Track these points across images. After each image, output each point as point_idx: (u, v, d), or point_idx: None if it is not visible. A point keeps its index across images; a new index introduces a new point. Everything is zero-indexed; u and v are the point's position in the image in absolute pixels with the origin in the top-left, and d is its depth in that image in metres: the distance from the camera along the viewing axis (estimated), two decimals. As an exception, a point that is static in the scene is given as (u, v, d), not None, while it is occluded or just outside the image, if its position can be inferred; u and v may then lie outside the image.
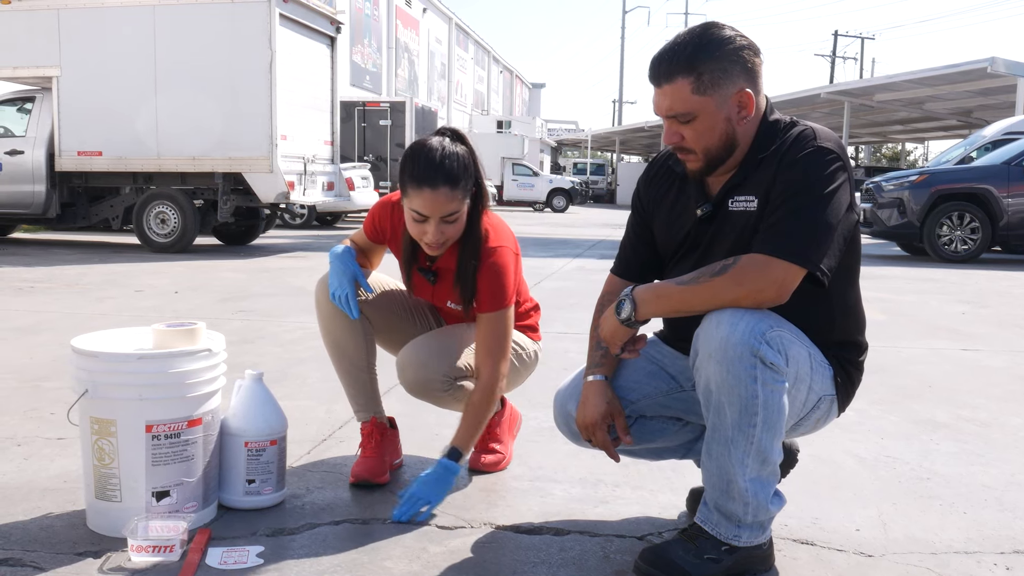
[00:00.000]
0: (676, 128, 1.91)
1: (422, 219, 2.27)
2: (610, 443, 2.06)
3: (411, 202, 2.27)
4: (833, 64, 49.83)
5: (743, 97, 1.87)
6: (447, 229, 2.29)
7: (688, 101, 1.87)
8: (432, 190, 2.23)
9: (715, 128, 1.88)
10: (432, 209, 2.25)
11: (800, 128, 1.90)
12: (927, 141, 45.85)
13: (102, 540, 2.08)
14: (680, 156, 1.97)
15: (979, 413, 3.47)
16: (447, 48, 40.08)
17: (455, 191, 2.25)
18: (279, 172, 9.90)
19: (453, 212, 2.27)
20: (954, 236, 11.02)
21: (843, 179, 1.85)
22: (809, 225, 1.79)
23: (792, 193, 1.82)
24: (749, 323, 1.78)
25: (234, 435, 2.28)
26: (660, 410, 2.13)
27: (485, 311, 2.37)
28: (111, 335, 2.26)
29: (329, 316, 2.50)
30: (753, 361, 1.78)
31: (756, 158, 1.91)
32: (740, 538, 1.89)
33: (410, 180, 2.26)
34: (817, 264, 1.79)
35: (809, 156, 1.84)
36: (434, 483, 2.26)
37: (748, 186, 1.91)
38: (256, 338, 4.79)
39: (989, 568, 2.03)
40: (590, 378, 2.09)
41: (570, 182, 31.32)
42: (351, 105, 18.28)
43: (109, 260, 9.30)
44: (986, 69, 18.64)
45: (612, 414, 2.05)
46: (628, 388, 2.11)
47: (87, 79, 10.29)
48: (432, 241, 2.29)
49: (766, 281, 1.78)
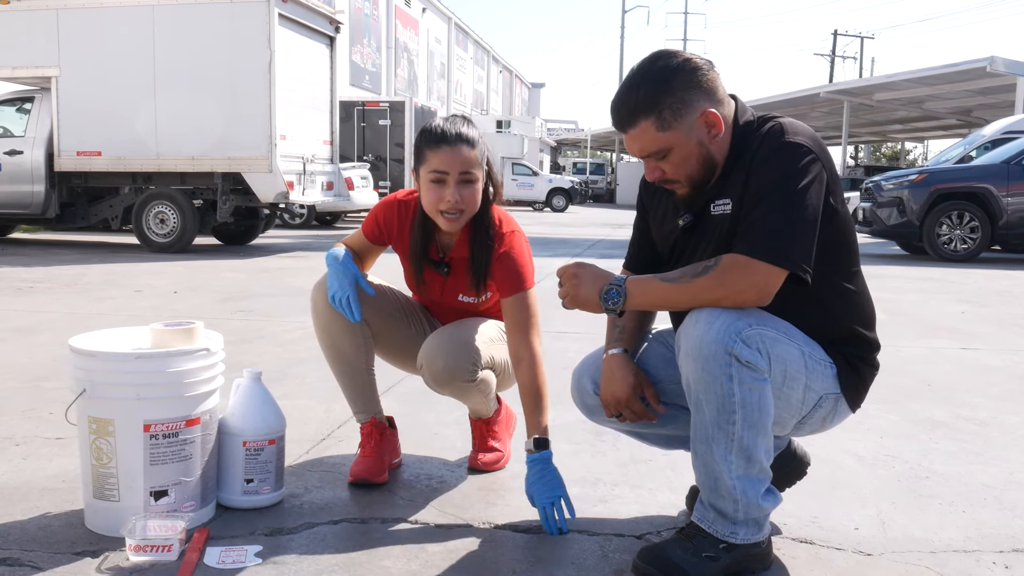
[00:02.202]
0: (655, 164, 1.94)
1: (440, 179, 2.31)
2: (646, 410, 2.07)
3: (429, 164, 2.32)
4: (832, 63, 49.83)
5: (709, 117, 1.88)
6: (464, 192, 2.32)
7: (657, 140, 1.88)
8: (451, 147, 2.30)
9: (691, 156, 1.90)
10: (451, 164, 2.30)
11: (770, 125, 1.90)
12: (926, 140, 45.88)
13: (100, 540, 2.07)
14: (667, 187, 1.99)
15: (978, 412, 3.47)
16: (446, 48, 40.07)
17: (473, 151, 2.33)
18: (278, 172, 9.90)
19: (471, 171, 2.32)
20: (953, 235, 11.02)
21: (816, 172, 1.83)
22: (785, 224, 1.78)
23: (766, 191, 1.81)
24: (725, 322, 1.78)
25: (232, 434, 2.27)
26: (674, 397, 2.13)
27: (508, 295, 2.40)
28: (109, 334, 2.26)
29: (327, 319, 2.49)
30: (728, 359, 1.78)
31: (732, 163, 1.92)
32: (737, 535, 1.89)
33: (427, 144, 2.33)
34: (798, 263, 1.78)
35: (779, 153, 1.84)
36: (544, 481, 2.22)
37: (725, 190, 1.92)
38: (255, 338, 4.79)
39: (988, 567, 2.03)
40: (612, 351, 2.10)
41: (569, 182, 31.30)
42: (350, 105, 18.28)
43: (108, 260, 9.30)
44: (985, 68, 18.66)
45: (641, 385, 2.06)
46: (646, 371, 2.12)
47: (86, 79, 10.29)
48: (450, 204, 2.31)
49: (746, 283, 1.78)
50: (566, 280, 1.94)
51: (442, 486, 2.51)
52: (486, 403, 2.61)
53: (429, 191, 2.34)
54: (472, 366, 2.40)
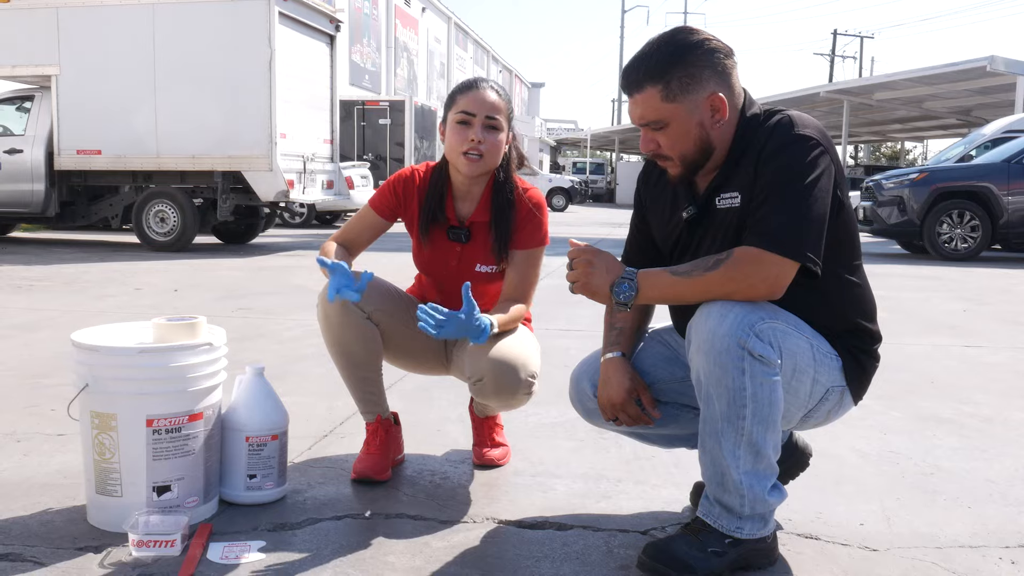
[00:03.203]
0: (651, 135, 1.92)
1: (467, 120, 2.38)
2: (641, 414, 2.06)
3: (457, 106, 2.40)
4: (832, 63, 49.85)
5: (715, 101, 1.87)
6: (488, 136, 2.39)
7: (659, 109, 1.87)
8: (479, 90, 2.41)
9: (688, 134, 1.89)
10: (479, 106, 2.38)
11: (778, 118, 1.89)
12: (926, 140, 45.86)
13: (103, 535, 2.07)
14: (659, 163, 1.98)
15: (982, 409, 3.46)
16: (446, 47, 40.05)
17: (500, 101, 2.43)
18: (278, 171, 9.89)
19: (496, 117, 2.40)
20: (954, 234, 11.01)
21: (825, 164, 1.83)
22: (797, 217, 1.78)
23: (777, 185, 1.81)
24: (738, 315, 1.77)
25: (235, 430, 2.26)
26: (675, 396, 2.13)
27: (523, 248, 2.48)
28: (111, 329, 2.25)
29: (339, 326, 2.42)
30: (740, 353, 1.77)
31: (736, 155, 1.90)
32: (743, 530, 1.88)
33: (459, 90, 2.44)
34: (808, 256, 1.78)
35: (789, 146, 1.83)
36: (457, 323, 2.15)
37: (732, 183, 1.91)
38: (256, 335, 4.78)
39: (995, 562, 2.02)
40: (609, 355, 2.09)
41: (569, 181, 31.31)
42: (350, 104, 18.27)
43: (108, 259, 9.29)
44: (985, 68, 18.64)
45: (637, 389, 2.05)
46: (644, 372, 2.11)
47: (86, 78, 10.28)
48: (473, 143, 2.37)
49: (758, 277, 1.78)
50: (579, 265, 1.92)
51: (445, 482, 2.50)
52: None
53: (455, 133, 2.40)
54: (533, 379, 2.39)
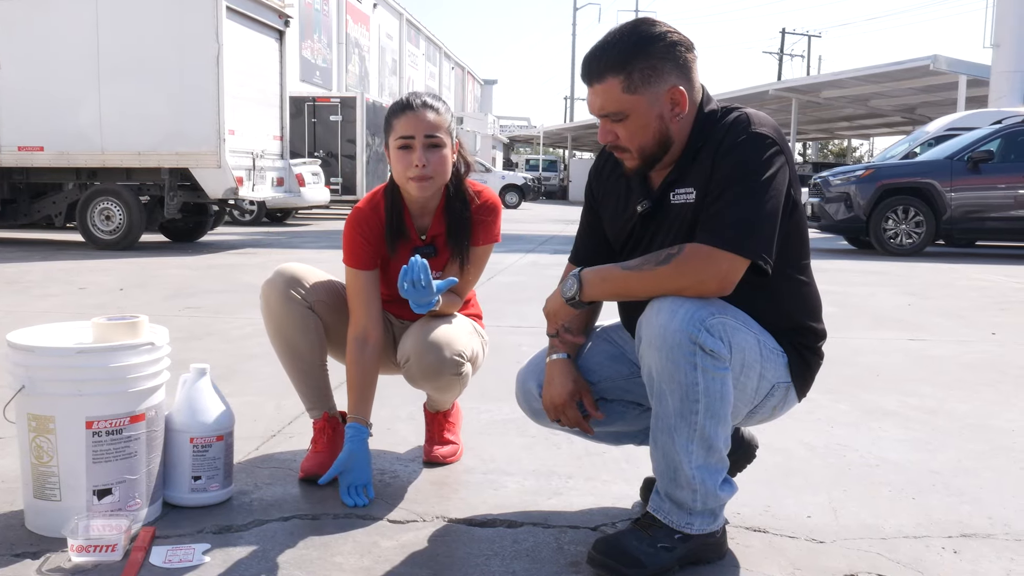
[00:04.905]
0: (609, 127, 1.92)
1: (407, 144, 2.34)
2: (582, 419, 2.06)
3: (395, 132, 2.36)
4: (781, 61, 50.57)
5: (675, 94, 1.87)
6: (431, 156, 2.35)
7: (619, 100, 1.87)
8: (414, 111, 2.35)
9: (648, 126, 1.88)
10: (416, 127, 2.33)
11: (735, 115, 1.89)
12: (872, 137, 46.77)
13: (41, 540, 2.01)
14: (616, 155, 1.98)
15: (926, 401, 3.53)
16: (398, 44, 39.80)
17: (437, 116, 2.37)
18: (227, 167, 9.74)
19: (436, 135, 2.35)
20: (899, 230, 11.22)
21: (780, 163, 1.84)
22: (750, 214, 1.78)
23: (731, 181, 1.81)
24: (689, 310, 1.78)
25: (179, 431, 2.22)
26: (621, 393, 2.13)
27: (480, 244, 2.50)
28: (49, 329, 2.19)
29: (280, 316, 2.44)
30: (692, 348, 1.77)
31: (693, 150, 1.91)
32: (692, 526, 1.88)
33: (393, 114, 2.38)
34: (760, 254, 1.78)
35: (745, 143, 1.83)
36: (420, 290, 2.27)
37: (687, 178, 1.91)
38: (204, 335, 4.70)
39: (938, 552, 2.06)
40: (553, 357, 2.08)
41: (523, 178, 31.29)
42: (301, 100, 18.07)
43: (52, 258, 9.08)
44: (928, 67, 19.05)
45: (579, 391, 2.05)
46: (590, 370, 2.11)
47: (28, 72, 10.02)
48: (417, 170, 2.33)
49: (708, 273, 1.78)
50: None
51: (395, 481, 2.48)
52: (456, 396, 2.60)
53: (398, 160, 2.36)
54: (460, 359, 2.39)
